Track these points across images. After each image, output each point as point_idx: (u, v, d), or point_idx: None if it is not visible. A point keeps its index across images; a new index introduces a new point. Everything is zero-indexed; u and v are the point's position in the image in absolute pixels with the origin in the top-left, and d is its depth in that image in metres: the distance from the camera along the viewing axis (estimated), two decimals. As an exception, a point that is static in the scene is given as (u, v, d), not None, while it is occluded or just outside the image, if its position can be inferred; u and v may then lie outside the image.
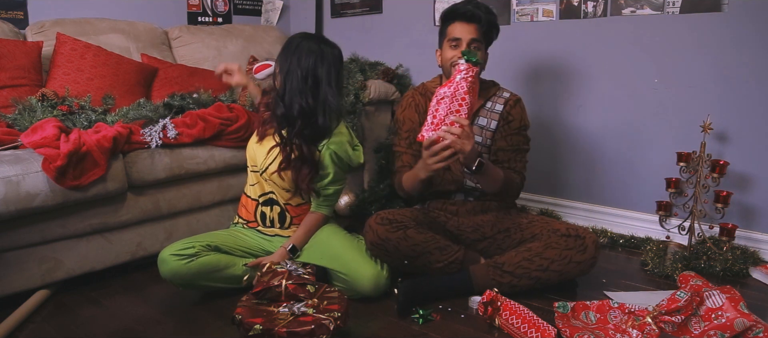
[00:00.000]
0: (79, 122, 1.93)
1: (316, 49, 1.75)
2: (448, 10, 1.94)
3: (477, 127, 1.95)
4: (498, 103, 1.97)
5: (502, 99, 1.97)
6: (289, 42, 1.79)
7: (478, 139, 1.93)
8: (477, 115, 1.96)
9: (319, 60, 1.74)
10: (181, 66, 2.71)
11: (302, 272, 1.71)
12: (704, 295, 1.56)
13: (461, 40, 1.88)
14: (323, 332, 1.38)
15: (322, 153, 1.81)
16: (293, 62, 1.74)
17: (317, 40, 1.78)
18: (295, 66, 1.74)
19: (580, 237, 1.75)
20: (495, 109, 1.96)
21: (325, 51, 1.76)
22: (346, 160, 1.84)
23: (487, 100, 1.97)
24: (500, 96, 1.98)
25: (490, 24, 1.91)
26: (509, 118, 1.95)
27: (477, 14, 1.88)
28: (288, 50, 1.77)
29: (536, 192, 2.71)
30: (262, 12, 3.59)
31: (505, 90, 2.01)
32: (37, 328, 1.65)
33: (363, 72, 2.88)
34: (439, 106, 1.65)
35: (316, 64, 1.74)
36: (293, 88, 1.74)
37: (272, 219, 1.88)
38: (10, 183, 1.64)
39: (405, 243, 1.76)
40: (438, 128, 1.63)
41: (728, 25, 2.10)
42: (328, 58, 1.76)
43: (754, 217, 2.15)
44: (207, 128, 2.08)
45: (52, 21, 2.51)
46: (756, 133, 2.10)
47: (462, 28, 1.89)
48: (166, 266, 1.69)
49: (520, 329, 1.50)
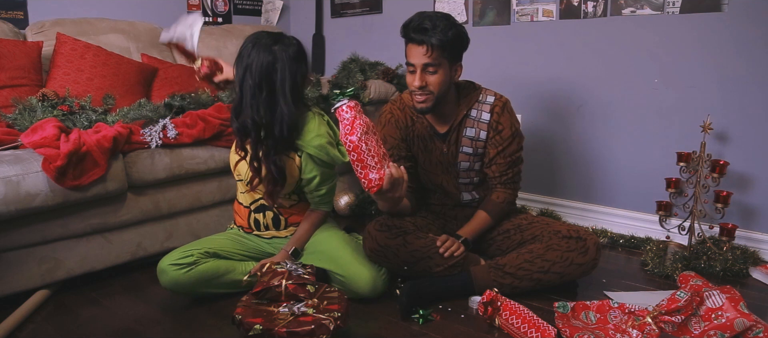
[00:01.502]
0: (80, 122, 1.93)
1: (268, 54, 1.62)
2: (404, 25, 1.73)
3: (466, 138, 1.87)
4: (483, 111, 1.85)
5: (487, 105, 1.85)
6: (242, 47, 1.66)
7: (469, 150, 1.88)
8: (463, 126, 1.86)
9: (271, 66, 1.61)
10: (181, 66, 2.71)
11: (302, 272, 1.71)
12: (704, 295, 1.56)
13: (415, 66, 1.72)
14: (323, 332, 1.38)
15: (302, 158, 1.74)
16: (245, 71, 1.63)
17: (270, 41, 1.64)
18: (248, 75, 1.62)
19: (582, 239, 1.75)
20: (481, 117, 1.85)
21: (278, 53, 1.62)
22: (328, 161, 1.75)
23: (470, 108, 1.86)
24: (484, 101, 1.86)
25: (445, 43, 1.69)
26: (499, 127, 1.84)
27: (425, 38, 1.67)
28: (241, 57, 1.65)
29: (536, 192, 2.71)
30: (262, 12, 3.59)
31: (487, 93, 1.88)
32: (37, 328, 1.65)
33: (363, 72, 2.88)
34: (366, 143, 1.43)
35: (269, 71, 1.61)
36: (246, 100, 1.64)
37: (266, 224, 1.86)
38: (10, 183, 1.64)
39: (404, 250, 1.76)
40: (381, 163, 1.45)
41: (728, 25, 2.10)
42: (283, 60, 1.62)
43: (754, 217, 2.15)
44: (207, 128, 2.08)
45: (52, 21, 2.50)
46: (756, 133, 2.10)
47: (415, 52, 1.71)
48: (165, 276, 1.69)
49: (520, 329, 1.50)
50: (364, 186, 1.47)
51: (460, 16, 2.80)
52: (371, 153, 1.43)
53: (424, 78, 1.73)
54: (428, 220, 1.95)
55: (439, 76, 1.73)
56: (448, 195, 1.97)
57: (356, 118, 1.43)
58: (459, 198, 1.96)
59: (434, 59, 1.70)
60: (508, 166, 1.88)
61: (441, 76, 1.73)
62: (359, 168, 1.44)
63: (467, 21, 2.79)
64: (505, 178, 1.89)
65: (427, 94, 1.75)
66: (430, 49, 1.69)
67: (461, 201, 1.97)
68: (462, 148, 1.88)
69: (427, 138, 1.90)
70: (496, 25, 2.71)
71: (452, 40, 1.71)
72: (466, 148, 1.88)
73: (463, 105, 1.86)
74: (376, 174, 1.44)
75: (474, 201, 1.97)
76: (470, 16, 2.78)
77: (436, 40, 1.67)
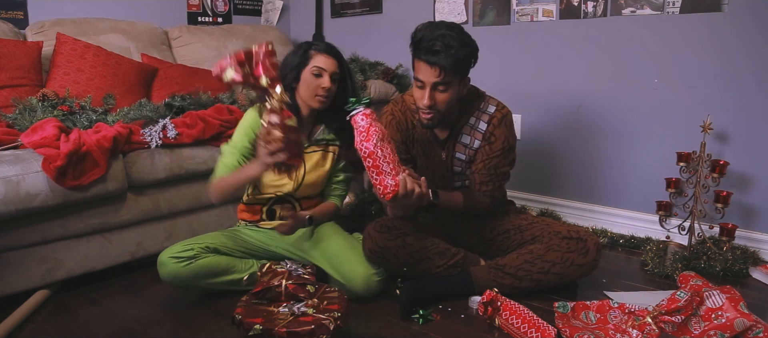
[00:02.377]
0: (80, 122, 1.93)
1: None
2: (414, 41, 1.68)
3: (460, 144, 1.85)
4: (482, 120, 1.82)
5: (487, 115, 1.82)
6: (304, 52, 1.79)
7: (461, 157, 1.86)
8: (460, 132, 1.84)
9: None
10: (181, 66, 2.71)
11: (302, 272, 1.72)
12: (704, 295, 1.56)
13: (424, 83, 1.67)
14: (323, 332, 1.38)
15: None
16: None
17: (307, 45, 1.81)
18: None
19: (582, 239, 1.75)
20: (479, 126, 1.82)
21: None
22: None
23: (471, 116, 1.83)
24: (485, 111, 1.82)
25: (457, 65, 1.65)
26: (492, 139, 1.81)
27: (436, 61, 1.62)
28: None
29: (536, 192, 2.71)
30: (262, 12, 3.59)
31: (490, 102, 1.84)
32: (37, 328, 1.65)
33: (363, 72, 2.88)
34: (381, 150, 1.46)
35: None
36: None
37: (282, 216, 1.86)
38: (10, 183, 1.64)
39: (404, 251, 1.76)
40: (396, 170, 1.48)
41: (728, 25, 2.10)
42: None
43: (754, 217, 2.15)
44: (207, 129, 2.08)
45: (52, 21, 2.50)
46: (756, 133, 2.10)
47: (425, 70, 1.66)
48: (165, 268, 1.69)
49: (520, 329, 1.50)
50: (378, 193, 1.49)
51: (460, 16, 2.80)
52: (387, 159, 1.46)
53: (434, 96, 1.68)
54: (427, 221, 1.95)
55: (449, 94, 1.69)
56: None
57: (371, 126, 1.46)
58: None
59: (444, 79, 1.65)
60: (489, 177, 1.82)
61: (450, 94, 1.69)
62: (375, 174, 1.47)
63: (467, 21, 2.79)
64: (485, 189, 1.82)
65: (435, 111, 1.71)
66: (442, 72, 1.64)
67: None
68: (456, 154, 1.87)
69: (426, 143, 1.89)
70: (496, 25, 2.71)
71: (464, 60, 1.67)
72: (459, 154, 1.86)
73: (466, 112, 1.84)
74: (392, 180, 1.47)
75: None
76: (470, 16, 2.78)
77: (448, 63, 1.62)
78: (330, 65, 1.76)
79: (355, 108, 1.49)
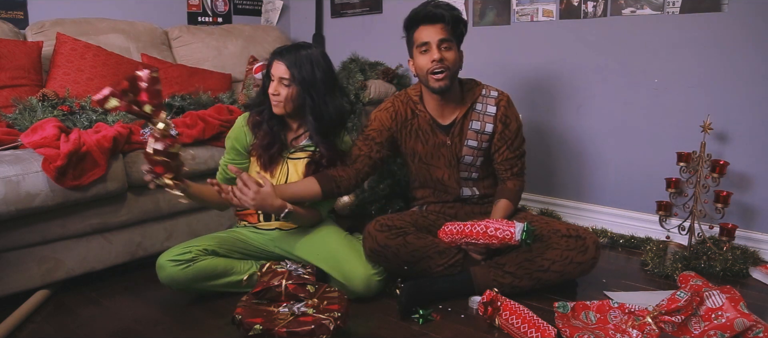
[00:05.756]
0: (80, 122, 1.93)
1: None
2: (410, 16, 1.85)
3: (471, 131, 1.88)
4: (489, 104, 1.89)
5: (492, 99, 1.89)
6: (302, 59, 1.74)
7: (473, 144, 1.89)
8: (468, 118, 1.88)
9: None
10: (181, 66, 2.71)
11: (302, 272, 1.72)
12: (704, 295, 1.56)
13: (430, 43, 1.78)
14: (323, 332, 1.38)
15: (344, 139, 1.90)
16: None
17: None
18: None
19: (581, 237, 1.75)
20: (487, 110, 1.88)
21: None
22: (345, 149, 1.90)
23: (475, 101, 1.89)
24: (488, 95, 1.90)
25: (456, 19, 1.81)
26: (507, 121, 1.89)
27: (439, 13, 1.78)
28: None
29: (536, 192, 2.71)
30: (262, 12, 3.59)
31: (489, 88, 1.92)
32: (37, 328, 1.65)
33: (363, 72, 2.87)
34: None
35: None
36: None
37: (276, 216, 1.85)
38: (10, 183, 1.64)
39: (405, 250, 1.76)
40: (457, 237, 1.75)
41: (728, 25, 2.10)
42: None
43: (754, 217, 2.15)
44: (207, 129, 2.08)
45: (52, 21, 2.51)
46: (756, 133, 2.10)
47: (428, 31, 1.79)
48: (163, 271, 1.70)
49: (520, 329, 1.50)
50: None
51: (460, 16, 2.81)
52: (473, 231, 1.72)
53: (441, 53, 1.78)
54: (429, 221, 1.95)
55: (454, 53, 1.81)
56: (447, 191, 1.97)
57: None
58: (459, 194, 1.96)
59: (449, 34, 1.79)
60: (517, 158, 1.93)
61: (455, 53, 1.81)
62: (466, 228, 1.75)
63: (467, 21, 2.79)
64: (516, 169, 1.94)
65: (445, 68, 1.79)
66: (445, 26, 1.78)
67: (461, 197, 1.96)
68: (467, 141, 1.88)
69: (428, 130, 1.90)
70: (496, 25, 2.71)
71: (459, 19, 1.82)
72: (470, 141, 1.89)
73: (468, 98, 1.90)
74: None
75: (474, 198, 1.97)
76: (470, 16, 2.78)
77: (449, 16, 1.78)
78: (278, 70, 1.71)
79: (525, 242, 1.66)
